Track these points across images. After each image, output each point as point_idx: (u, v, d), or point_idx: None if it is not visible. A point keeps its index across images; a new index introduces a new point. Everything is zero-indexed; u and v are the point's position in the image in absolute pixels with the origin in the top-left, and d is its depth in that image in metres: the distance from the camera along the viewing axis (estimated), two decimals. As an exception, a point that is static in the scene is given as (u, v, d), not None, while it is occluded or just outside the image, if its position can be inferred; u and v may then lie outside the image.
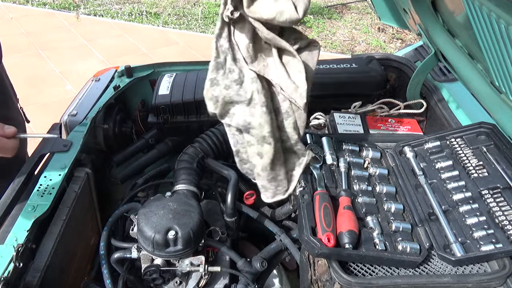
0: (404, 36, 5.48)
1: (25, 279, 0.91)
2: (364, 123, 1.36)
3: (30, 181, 1.10)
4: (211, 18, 5.62)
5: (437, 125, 1.41)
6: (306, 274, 0.95)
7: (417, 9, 1.28)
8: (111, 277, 1.07)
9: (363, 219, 0.93)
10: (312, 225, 0.86)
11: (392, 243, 0.88)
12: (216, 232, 1.18)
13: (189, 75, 1.61)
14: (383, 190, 1.01)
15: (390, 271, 0.85)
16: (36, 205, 1.00)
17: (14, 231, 0.93)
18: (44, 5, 5.35)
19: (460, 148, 1.08)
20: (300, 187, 0.96)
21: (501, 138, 1.05)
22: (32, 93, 3.41)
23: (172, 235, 0.97)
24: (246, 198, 1.44)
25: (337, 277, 0.81)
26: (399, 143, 1.14)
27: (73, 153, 1.17)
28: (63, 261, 1.06)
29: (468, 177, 1.01)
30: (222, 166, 1.27)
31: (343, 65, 1.60)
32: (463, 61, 1.23)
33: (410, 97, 1.49)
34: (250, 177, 1.08)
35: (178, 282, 1.06)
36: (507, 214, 0.89)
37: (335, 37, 5.54)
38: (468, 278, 0.83)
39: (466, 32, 1.15)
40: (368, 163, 1.09)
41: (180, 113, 1.52)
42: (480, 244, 0.86)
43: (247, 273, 1.09)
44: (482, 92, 1.19)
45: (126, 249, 1.08)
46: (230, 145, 1.39)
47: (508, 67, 0.93)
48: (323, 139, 1.12)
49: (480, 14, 0.92)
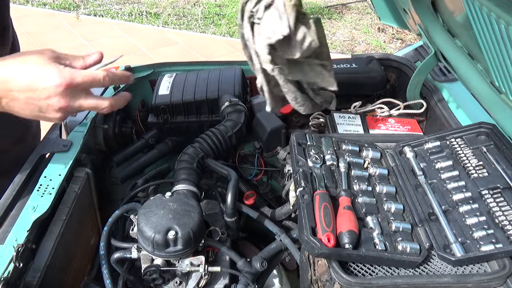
0: (404, 36, 5.48)
1: (25, 279, 0.91)
2: (364, 123, 1.36)
3: (30, 181, 1.10)
4: (211, 18, 5.63)
5: (437, 125, 1.41)
6: (306, 274, 0.95)
7: (417, 9, 1.28)
8: (111, 277, 1.07)
9: (363, 219, 0.93)
10: (312, 225, 0.86)
11: (392, 243, 0.88)
12: (216, 232, 1.18)
13: (189, 75, 1.61)
14: (383, 190, 1.01)
15: (390, 271, 0.85)
16: (36, 205, 1.00)
17: (14, 231, 0.93)
18: (44, 5, 5.35)
19: (460, 148, 1.08)
20: (300, 187, 0.96)
21: (501, 138, 1.05)
22: (32, 93, 3.40)
23: (172, 235, 0.97)
24: (246, 198, 1.45)
25: (337, 277, 0.81)
26: (399, 143, 1.14)
27: (73, 153, 1.17)
28: (63, 261, 1.06)
29: (468, 177, 1.01)
30: (222, 166, 1.27)
31: (343, 65, 1.60)
32: (463, 61, 1.23)
33: (410, 97, 1.49)
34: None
35: (178, 282, 1.06)
36: (507, 214, 0.89)
37: (335, 37, 5.55)
38: (468, 278, 0.83)
39: (466, 32, 1.15)
40: (368, 163, 1.09)
41: (180, 113, 1.52)
42: (480, 244, 0.86)
43: (247, 273, 1.09)
44: (482, 92, 1.19)
45: (126, 249, 1.08)
46: (230, 145, 1.40)
47: (508, 67, 0.93)
48: (323, 139, 1.12)
49: (480, 14, 0.92)
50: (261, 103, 1.58)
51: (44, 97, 0.74)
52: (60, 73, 0.75)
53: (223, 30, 5.40)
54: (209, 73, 1.60)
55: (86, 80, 0.78)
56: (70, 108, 0.78)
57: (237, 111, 1.42)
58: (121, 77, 0.87)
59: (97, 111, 0.84)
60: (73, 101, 0.77)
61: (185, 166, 1.21)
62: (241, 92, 1.51)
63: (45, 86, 0.73)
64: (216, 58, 4.69)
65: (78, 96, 0.78)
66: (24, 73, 0.74)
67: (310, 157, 1.05)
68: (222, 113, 1.44)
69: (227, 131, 1.35)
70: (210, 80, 1.56)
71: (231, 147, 1.42)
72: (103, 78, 0.81)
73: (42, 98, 0.74)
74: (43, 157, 1.17)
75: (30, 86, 0.73)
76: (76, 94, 0.78)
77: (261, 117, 1.45)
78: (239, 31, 1.01)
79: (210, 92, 1.51)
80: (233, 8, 5.74)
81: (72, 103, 0.77)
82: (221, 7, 5.95)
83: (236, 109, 1.42)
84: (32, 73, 0.74)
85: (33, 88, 0.73)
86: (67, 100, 0.76)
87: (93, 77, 0.80)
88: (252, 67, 1.08)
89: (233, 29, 5.39)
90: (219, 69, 1.62)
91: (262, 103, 1.58)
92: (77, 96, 0.78)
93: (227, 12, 5.73)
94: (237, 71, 1.59)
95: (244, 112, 1.43)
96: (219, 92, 1.49)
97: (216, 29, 5.42)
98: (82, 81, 0.77)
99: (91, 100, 0.81)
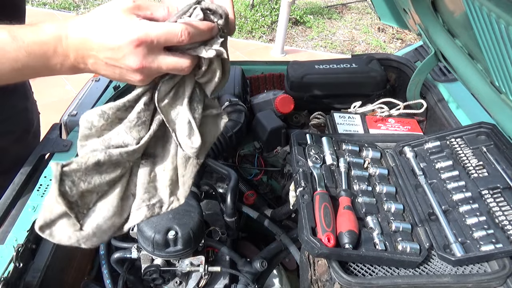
0: (404, 36, 5.48)
1: (25, 279, 0.91)
2: (364, 123, 1.36)
3: (30, 181, 1.10)
4: (211, 18, 5.62)
5: (437, 125, 1.41)
6: (306, 274, 0.95)
7: (417, 9, 1.28)
8: (111, 277, 1.07)
9: (363, 219, 0.93)
10: (312, 225, 0.86)
11: (392, 243, 0.88)
12: (216, 232, 1.18)
13: (189, 75, 1.61)
14: (383, 190, 1.01)
15: (390, 271, 0.85)
16: (36, 205, 1.00)
17: (14, 231, 0.93)
18: (44, 5, 5.35)
19: (460, 148, 1.08)
20: (300, 187, 0.96)
21: (501, 138, 1.05)
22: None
23: (172, 235, 0.97)
24: (246, 198, 1.45)
25: (337, 277, 0.81)
26: (399, 143, 1.15)
27: (73, 153, 1.17)
28: (63, 261, 1.06)
29: (468, 177, 1.01)
30: (222, 166, 1.27)
31: (343, 65, 1.60)
32: (463, 61, 1.23)
33: (410, 97, 1.49)
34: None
35: (178, 282, 1.06)
36: (507, 214, 0.89)
37: (335, 37, 5.55)
38: (468, 278, 0.83)
39: (466, 32, 1.15)
40: (368, 163, 1.09)
41: (180, 113, 1.52)
42: (480, 244, 0.86)
43: (247, 273, 1.09)
44: (482, 92, 1.19)
45: (126, 249, 1.08)
46: (230, 145, 1.40)
47: (508, 67, 0.93)
48: (323, 139, 1.12)
49: (480, 14, 0.92)
50: (261, 103, 1.58)
51: (119, 56, 0.64)
52: (133, 28, 0.63)
53: (223, 30, 5.39)
54: (209, 73, 1.60)
55: (161, 34, 0.64)
56: (149, 70, 0.66)
57: (237, 111, 1.42)
58: (202, 31, 0.67)
59: (177, 73, 0.68)
60: (149, 60, 0.65)
61: (185, 166, 1.21)
62: (241, 92, 1.51)
63: (119, 45, 0.63)
64: (216, 58, 4.68)
65: (157, 53, 0.65)
66: (100, 29, 0.64)
67: (310, 157, 1.05)
68: (222, 113, 1.44)
69: (227, 131, 1.35)
70: (210, 80, 1.56)
71: (231, 147, 1.42)
72: (180, 32, 0.65)
73: (119, 57, 0.64)
74: (43, 157, 1.17)
75: (106, 45, 0.64)
76: (154, 52, 0.65)
77: (261, 117, 1.45)
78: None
79: (210, 92, 1.51)
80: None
81: (149, 63, 0.65)
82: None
83: (236, 109, 1.42)
84: (107, 29, 0.64)
85: (109, 47, 0.64)
86: (143, 59, 0.64)
87: (168, 30, 0.64)
88: None
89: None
90: (219, 69, 1.62)
91: (262, 103, 1.58)
92: (155, 54, 0.65)
93: (227, 12, 5.72)
94: (237, 71, 1.59)
95: (244, 112, 1.43)
96: (219, 92, 1.50)
97: (216, 29, 5.41)
98: (156, 36, 0.64)
99: (170, 59, 0.66)
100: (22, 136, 1.35)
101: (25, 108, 1.36)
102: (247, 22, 5.45)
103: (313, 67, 1.59)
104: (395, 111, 1.42)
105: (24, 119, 1.36)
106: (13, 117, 1.30)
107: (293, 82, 1.55)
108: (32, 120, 1.41)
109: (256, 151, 1.49)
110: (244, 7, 5.65)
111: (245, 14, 5.53)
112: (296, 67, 1.60)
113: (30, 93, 1.42)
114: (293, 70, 1.58)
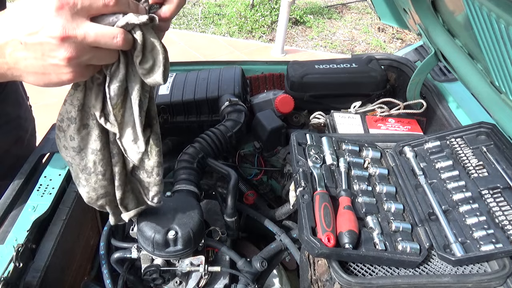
0: (404, 36, 5.48)
1: (25, 279, 0.91)
2: (364, 123, 1.36)
3: (30, 181, 1.10)
4: (211, 18, 5.63)
5: (437, 125, 1.41)
6: (306, 274, 0.95)
7: (417, 9, 1.28)
8: (111, 277, 1.07)
9: (363, 219, 0.93)
10: (312, 225, 0.86)
11: (392, 243, 0.88)
12: (216, 232, 1.17)
13: (189, 75, 1.61)
14: (383, 190, 1.01)
15: (390, 271, 0.85)
16: (36, 205, 1.00)
17: (14, 231, 0.94)
18: None
19: (460, 148, 1.08)
20: (300, 187, 0.96)
21: (501, 138, 1.05)
22: (32, 93, 3.39)
23: (172, 235, 0.97)
24: (246, 198, 1.45)
25: (337, 277, 0.81)
26: (399, 143, 1.15)
27: (73, 153, 1.17)
28: (63, 261, 1.06)
29: (468, 177, 1.01)
30: (222, 166, 1.27)
31: (343, 65, 1.60)
32: (463, 61, 1.23)
33: (410, 97, 1.49)
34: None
35: (178, 282, 1.06)
36: (507, 214, 0.89)
37: (335, 37, 5.55)
38: (468, 278, 0.83)
39: (466, 32, 1.15)
40: (368, 163, 1.09)
41: (180, 113, 1.52)
42: (480, 244, 0.86)
43: (247, 273, 1.09)
44: (482, 92, 1.19)
45: (126, 249, 1.08)
46: (230, 145, 1.40)
47: (508, 67, 0.93)
48: (323, 139, 1.12)
49: (480, 14, 0.92)
50: (261, 103, 1.58)
51: (39, 28, 0.55)
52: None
53: (223, 30, 5.40)
54: (209, 73, 1.60)
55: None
56: (76, 43, 0.56)
57: (237, 111, 1.42)
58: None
59: (108, 46, 0.59)
60: (74, 25, 0.56)
61: (185, 166, 1.21)
62: (241, 92, 1.51)
63: (38, 13, 0.55)
64: (216, 58, 4.69)
65: (82, 19, 0.56)
66: (15, 10, 0.57)
67: (310, 157, 1.05)
68: (222, 113, 1.44)
69: (227, 131, 1.35)
70: (210, 80, 1.56)
71: (231, 147, 1.42)
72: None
73: (38, 29, 0.55)
74: (43, 157, 1.17)
75: (23, 19, 0.56)
76: (78, 16, 0.56)
77: (261, 117, 1.45)
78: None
79: (210, 92, 1.51)
80: (233, 8, 5.73)
81: (73, 29, 0.55)
82: (221, 7, 5.95)
83: (236, 109, 1.42)
84: (23, 6, 0.57)
85: (27, 21, 0.56)
86: (66, 24, 0.55)
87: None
88: None
89: (233, 29, 5.39)
90: (219, 69, 1.62)
91: (262, 103, 1.59)
92: (80, 19, 0.56)
93: (227, 12, 5.73)
94: (237, 71, 1.59)
95: (244, 112, 1.43)
96: (219, 92, 1.50)
97: (216, 29, 5.42)
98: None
99: (99, 26, 0.58)
100: (15, 144, 1.32)
101: (17, 116, 1.32)
102: (247, 22, 5.45)
103: (313, 67, 1.59)
104: (395, 111, 1.43)
105: (17, 127, 1.33)
106: (3, 126, 1.26)
107: (293, 82, 1.55)
108: (26, 127, 1.38)
109: (256, 151, 1.49)
110: (244, 7, 5.65)
111: (245, 14, 5.53)
112: (296, 67, 1.60)
113: (23, 100, 1.38)
114: (293, 70, 1.58)
